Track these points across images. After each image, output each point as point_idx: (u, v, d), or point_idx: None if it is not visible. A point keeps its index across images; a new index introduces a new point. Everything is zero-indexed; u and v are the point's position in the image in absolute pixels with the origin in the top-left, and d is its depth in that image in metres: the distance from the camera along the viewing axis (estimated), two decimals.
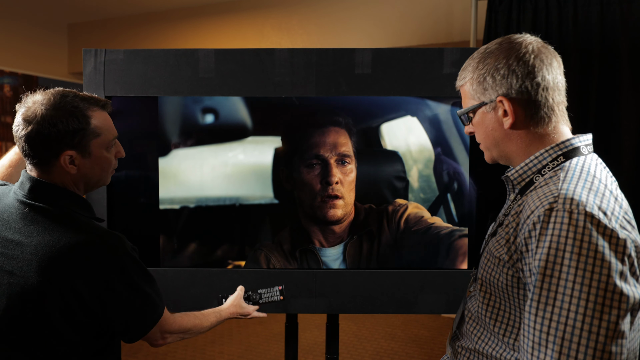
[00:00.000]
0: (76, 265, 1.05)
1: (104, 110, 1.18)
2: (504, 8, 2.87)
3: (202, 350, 3.32)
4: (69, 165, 1.12)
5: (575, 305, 0.77)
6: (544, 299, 0.80)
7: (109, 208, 1.74)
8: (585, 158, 0.94)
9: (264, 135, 1.77)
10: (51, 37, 4.91)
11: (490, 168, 1.74)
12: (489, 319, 0.97)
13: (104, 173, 1.19)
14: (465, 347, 1.05)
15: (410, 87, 1.71)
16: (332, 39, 3.99)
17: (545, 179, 0.93)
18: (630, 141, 2.68)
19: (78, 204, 1.15)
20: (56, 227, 1.08)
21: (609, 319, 0.76)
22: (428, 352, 3.33)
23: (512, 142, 0.99)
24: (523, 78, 0.94)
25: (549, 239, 0.80)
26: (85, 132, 1.11)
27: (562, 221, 0.80)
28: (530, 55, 0.94)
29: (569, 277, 0.78)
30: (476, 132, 1.05)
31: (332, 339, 1.90)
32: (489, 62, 0.96)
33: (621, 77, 2.67)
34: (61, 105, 1.09)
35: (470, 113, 1.02)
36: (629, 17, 2.63)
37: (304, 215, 1.76)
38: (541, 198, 0.86)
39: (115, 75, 1.71)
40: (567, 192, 0.83)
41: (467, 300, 1.09)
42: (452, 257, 1.77)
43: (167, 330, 1.23)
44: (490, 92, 0.97)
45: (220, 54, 1.71)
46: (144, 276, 1.15)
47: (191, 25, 4.54)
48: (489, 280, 0.96)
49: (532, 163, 0.97)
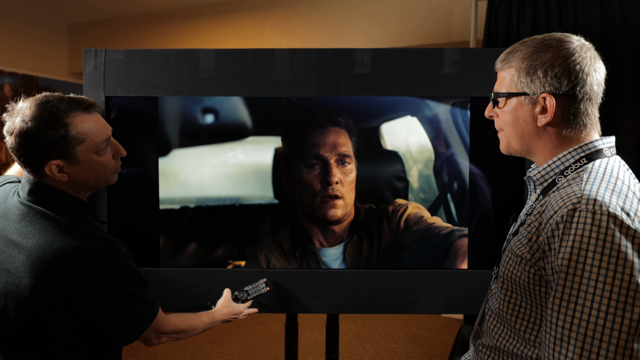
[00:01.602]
0: (67, 270, 1.05)
1: (88, 113, 1.13)
2: (504, 8, 2.87)
3: (202, 350, 3.32)
4: (58, 174, 1.11)
5: (598, 303, 0.79)
6: (567, 296, 0.82)
7: (109, 208, 1.74)
8: (608, 160, 0.95)
9: (264, 135, 1.77)
10: (51, 37, 4.91)
11: (490, 168, 1.75)
12: (510, 315, 0.98)
13: (99, 176, 1.17)
14: (485, 344, 1.05)
15: (410, 87, 1.71)
16: (332, 39, 3.99)
17: (568, 180, 0.94)
18: (630, 141, 2.68)
19: (76, 207, 1.14)
20: (51, 230, 1.08)
21: (631, 316, 0.78)
22: (428, 352, 3.33)
23: (540, 140, 0.99)
24: (575, 82, 0.93)
25: (572, 238, 0.82)
26: (66, 140, 1.08)
27: (585, 221, 0.82)
28: (588, 62, 0.95)
29: (592, 276, 0.79)
30: (501, 119, 1.03)
31: (332, 339, 1.91)
32: (546, 55, 0.95)
33: (621, 77, 2.67)
34: (39, 115, 1.07)
35: (504, 98, 1.01)
36: (629, 17, 2.63)
37: (304, 215, 1.76)
38: (564, 199, 0.87)
39: (115, 75, 1.71)
40: (589, 193, 0.85)
41: (488, 298, 1.10)
42: (452, 257, 1.77)
43: (162, 331, 1.23)
44: (536, 85, 0.95)
45: (220, 54, 1.71)
46: (137, 280, 1.14)
47: (191, 25, 4.54)
48: (510, 278, 0.97)
49: (554, 164, 0.98)
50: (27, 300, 1.06)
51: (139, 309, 1.15)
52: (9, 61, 4.49)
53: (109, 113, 1.72)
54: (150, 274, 1.75)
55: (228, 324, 3.75)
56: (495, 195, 1.75)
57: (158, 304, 1.21)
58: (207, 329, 1.43)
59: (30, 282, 1.06)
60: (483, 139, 1.73)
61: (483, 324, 1.09)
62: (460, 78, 1.69)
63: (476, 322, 1.14)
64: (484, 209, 1.76)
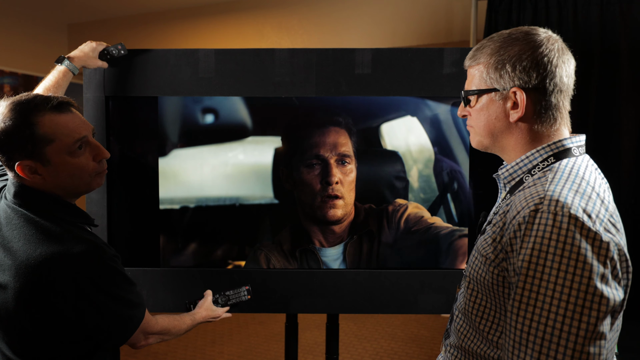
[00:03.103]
0: (49, 275, 1.03)
1: (59, 113, 1.09)
2: (504, 8, 2.87)
3: (202, 350, 3.32)
4: (31, 175, 1.08)
5: (556, 307, 0.78)
6: (526, 299, 0.81)
7: (109, 208, 1.74)
8: (575, 159, 0.93)
9: (264, 135, 1.77)
10: (51, 37, 4.91)
11: (490, 168, 1.74)
12: (475, 315, 0.97)
13: (76, 179, 1.12)
14: (452, 344, 1.04)
15: (410, 87, 1.71)
16: (332, 39, 3.99)
17: (534, 180, 0.92)
18: (630, 141, 2.68)
19: (61, 209, 1.11)
20: (35, 234, 1.06)
21: (588, 320, 0.77)
22: (428, 352, 3.33)
23: (512, 136, 0.97)
24: (544, 75, 0.92)
25: (532, 240, 0.81)
26: (33, 140, 1.05)
27: (546, 222, 0.81)
28: (556, 54, 0.93)
29: (551, 279, 0.79)
30: (473, 117, 1.01)
31: (332, 339, 1.90)
32: (513, 49, 0.93)
33: (621, 77, 2.67)
34: (8, 116, 1.05)
35: (475, 96, 0.99)
36: (629, 17, 2.63)
37: (304, 215, 1.76)
38: (527, 199, 0.86)
39: (115, 75, 1.71)
40: (552, 194, 0.84)
41: (457, 297, 1.09)
42: (452, 257, 1.77)
43: (150, 331, 1.22)
44: (506, 80, 0.94)
45: (220, 54, 1.71)
46: (123, 283, 1.12)
47: (191, 25, 4.54)
48: (475, 278, 0.96)
49: (522, 163, 0.96)
50: (12, 304, 1.05)
51: (126, 311, 1.12)
52: (9, 61, 4.49)
53: (108, 113, 1.72)
54: (150, 274, 1.75)
55: (228, 323, 3.75)
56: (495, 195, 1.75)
57: (144, 306, 1.19)
58: (189, 330, 1.44)
59: (15, 287, 1.04)
60: None
61: (452, 324, 1.08)
62: (460, 78, 1.69)
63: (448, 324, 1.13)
64: (484, 209, 1.76)
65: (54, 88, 1.54)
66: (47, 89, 1.53)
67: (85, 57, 1.61)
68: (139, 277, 1.73)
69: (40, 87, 1.54)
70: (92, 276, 1.05)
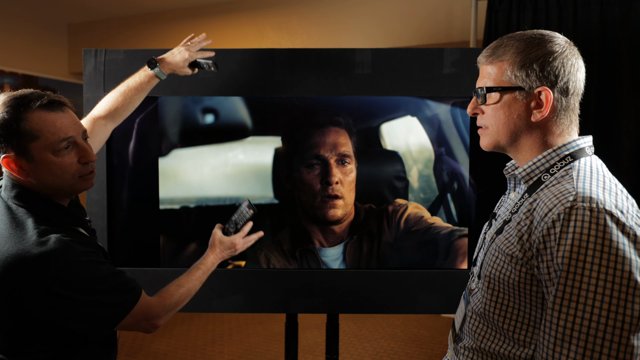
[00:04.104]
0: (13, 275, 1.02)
1: (50, 111, 1.09)
2: (504, 8, 2.87)
3: (202, 350, 3.32)
4: (16, 169, 1.09)
5: (599, 301, 0.80)
6: (568, 295, 0.82)
7: (109, 208, 1.74)
8: (591, 158, 0.96)
9: (264, 135, 1.77)
10: (51, 37, 4.91)
11: (490, 168, 1.74)
12: (497, 316, 0.97)
13: (57, 179, 1.11)
14: (468, 347, 1.04)
15: (410, 87, 1.71)
16: (332, 39, 3.99)
17: (556, 178, 0.94)
18: (629, 141, 2.68)
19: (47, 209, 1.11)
20: (7, 230, 1.06)
21: (632, 313, 0.79)
22: (428, 352, 3.33)
23: (530, 135, 0.98)
24: (568, 77, 0.94)
25: (570, 236, 0.82)
26: (19, 134, 1.06)
27: (583, 219, 0.82)
28: (576, 58, 0.96)
29: (592, 274, 0.80)
30: (489, 115, 1.00)
31: (332, 339, 1.90)
32: (540, 50, 0.94)
33: (621, 77, 2.67)
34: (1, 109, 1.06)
35: (494, 93, 0.98)
36: (629, 17, 2.63)
37: (304, 215, 1.76)
38: (558, 197, 0.87)
39: (115, 75, 1.71)
40: (584, 191, 0.86)
41: (469, 299, 1.09)
42: (452, 257, 1.77)
43: (153, 315, 1.19)
44: (532, 79, 0.94)
45: (220, 54, 1.71)
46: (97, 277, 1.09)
47: (191, 25, 4.54)
48: (498, 278, 0.96)
49: (539, 162, 0.97)
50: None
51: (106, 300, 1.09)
52: (9, 61, 4.49)
53: None
54: (150, 274, 1.75)
55: (228, 323, 3.75)
56: (495, 195, 1.75)
57: (137, 291, 1.15)
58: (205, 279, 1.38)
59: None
60: None
61: (464, 326, 1.08)
62: (460, 78, 1.69)
63: (456, 325, 1.12)
64: (484, 208, 1.76)
65: (135, 90, 1.52)
66: (130, 89, 1.52)
67: (175, 66, 1.57)
68: (139, 277, 1.73)
69: (123, 85, 1.53)
70: (57, 275, 1.03)
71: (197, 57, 1.59)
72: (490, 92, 0.99)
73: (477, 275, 1.06)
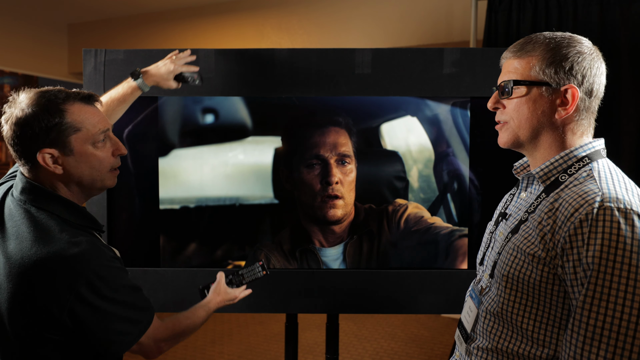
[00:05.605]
0: (42, 277, 0.99)
1: (86, 104, 1.10)
2: (504, 8, 2.86)
3: (202, 350, 3.32)
4: (52, 165, 1.06)
5: (630, 300, 0.80)
6: (599, 294, 0.83)
7: (109, 208, 1.74)
8: (606, 160, 0.98)
9: (264, 135, 1.77)
10: (51, 37, 4.91)
11: (490, 168, 1.75)
12: (516, 315, 0.97)
13: (95, 172, 1.11)
14: (482, 347, 1.03)
15: (410, 87, 1.71)
16: (332, 39, 3.99)
17: (577, 179, 0.94)
18: (629, 141, 2.68)
19: (66, 210, 1.08)
20: (33, 233, 1.03)
21: None
22: (428, 352, 3.33)
23: (550, 133, 0.99)
24: (594, 79, 0.96)
25: (600, 236, 0.83)
26: (60, 127, 1.04)
27: (612, 219, 0.83)
28: (602, 62, 0.98)
29: (622, 274, 0.81)
30: (511, 110, 1.00)
31: (332, 339, 1.90)
32: (570, 50, 0.96)
33: (621, 77, 2.67)
34: (35, 102, 1.04)
35: (519, 87, 0.98)
36: (629, 17, 2.63)
37: (304, 215, 1.76)
38: (583, 197, 0.88)
39: (115, 75, 1.71)
40: (609, 192, 0.87)
41: (480, 298, 1.08)
42: (452, 257, 1.77)
43: (161, 338, 1.17)
44: (561, 76, 0.95)
45: (220, 54, 1.71)
46: (123, 287, 1.07)
47: (191, 25, 4.54)
48: (517, 277, 0.96)
49: (557, 162, 0.98)
50: (4, 306, 1.02)
51: (127, 315, 1.07)
52: (9, 61, 4.49)
53: None
54: (150, 274, 1.75)
55: (228, 323, 3.75)
56: (495, 195, 1.75)
57: (152, 312, 1.14)
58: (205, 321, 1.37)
59: (7, 287, 1.01)
60: (483, 139, 1.73)
61: (477, 326, 1.07)
62: (460, 78, 1.69)
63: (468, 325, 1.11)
64: (484, 208, 1.76)
65: (118, 102, 1.53)
66: (112, 100, 1.53)
67: (160, 78, 1.58)
68: (139, 277, 1.73)
69: (106, 95, 1.53)
70: (90, 278, 1.01)
71: (182, 70, 1.61)
72: (517, 85, 0.99)
73: (490, 274, 1.05)
